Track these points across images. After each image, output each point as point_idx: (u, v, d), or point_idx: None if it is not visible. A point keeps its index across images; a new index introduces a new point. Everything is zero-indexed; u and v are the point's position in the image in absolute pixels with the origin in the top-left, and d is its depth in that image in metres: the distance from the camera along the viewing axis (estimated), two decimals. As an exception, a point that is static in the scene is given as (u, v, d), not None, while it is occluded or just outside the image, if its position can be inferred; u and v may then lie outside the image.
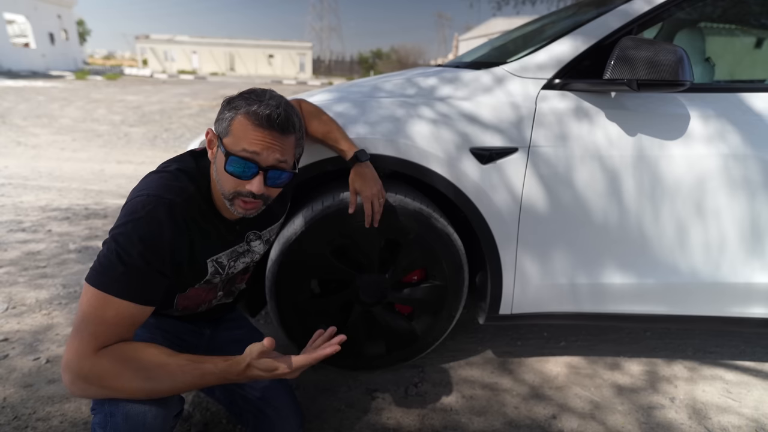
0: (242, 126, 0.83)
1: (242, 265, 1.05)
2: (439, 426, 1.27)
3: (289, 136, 0.86)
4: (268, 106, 0.83)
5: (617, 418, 1.33)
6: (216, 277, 1.00)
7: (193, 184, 0.89)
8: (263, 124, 0.82)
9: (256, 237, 1.05)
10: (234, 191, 0.86)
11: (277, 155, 0.85)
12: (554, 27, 1.57)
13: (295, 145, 0.90)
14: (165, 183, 0.85)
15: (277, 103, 0.85)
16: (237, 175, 0.84)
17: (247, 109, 0.82)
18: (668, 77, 1.09)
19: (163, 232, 0.80)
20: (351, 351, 1.41)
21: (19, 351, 1.48)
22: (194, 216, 0.88)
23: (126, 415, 0.76)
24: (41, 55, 22.53)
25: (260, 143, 0.83)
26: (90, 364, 0.73)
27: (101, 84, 14.85)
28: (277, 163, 0.85)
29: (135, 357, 0.76)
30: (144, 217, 0.79)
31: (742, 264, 1.33)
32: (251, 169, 0.83)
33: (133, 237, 0.78)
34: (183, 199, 0.85)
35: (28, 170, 3.93)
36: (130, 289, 0.77)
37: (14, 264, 2.10)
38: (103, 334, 0.75)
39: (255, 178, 0.84)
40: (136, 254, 0.77)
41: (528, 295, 1.36)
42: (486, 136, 1.23)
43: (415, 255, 1.31)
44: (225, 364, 0.80)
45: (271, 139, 0.83)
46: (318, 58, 47.21)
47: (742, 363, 1.64)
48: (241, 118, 0.83)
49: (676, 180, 1.25)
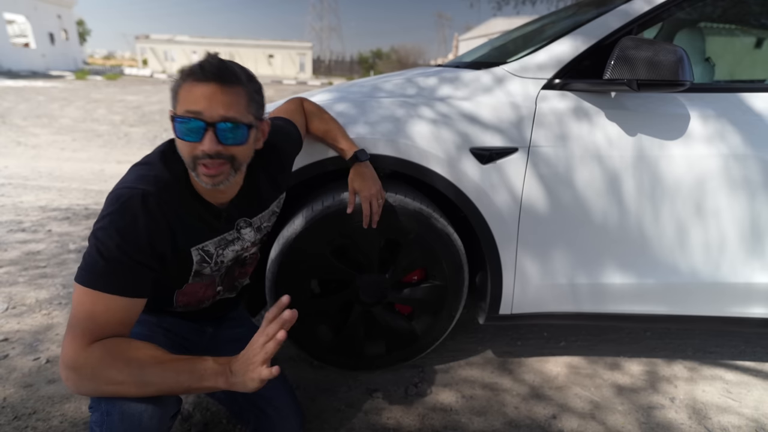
0: (184, 90, 0.80)
1: (232, 253, 1.01)
2: (439, 426, 1.27)
3: (232, 87, 0.81)
4: (200, 61, 0.81)
5: (617, 418, 1.33)
6: (205, 267, 0.97)
7: (169, 172, 0.86)
8: (199, 77, 0.79)
9: (246, 224, 1.02)
10: (191, 156, 0.82)
11: (221, 108, 0.79)
12: (554, 27, 1.57)
13: (245, 98, 0.83)
14: (140, 174, 0.85)
15: (211, 56, 0.82)
16: (185, 136, 0.80)
17: (184, 74, 0.81)
18: (668, 77, 1.09)
19: (138, 222, 0.80)
20: (351, 351, 1.41)
21: (19, 351, 1.48)
22: (172, 204, 0.85)
23: (122, 414, 0.76)
24: (41, 55, 22.54)
25: (201, 98, 0.79)
26: (84, 356, 0.74)
27: (101, 84, 14.85)
28: (224, 117, 0.80)
29: (127, 349, 0.77)
30: (118, 210, 0.79)
31: (742, 264, 1.33)
32: (198, 126, 0.79)
33: (110, 230, 0.78)
34: (158, 188, 0.83)
35: (28, 170, 3.93)
36: (114, 282, 0.77)
37: (14, 264, 2.10)
38: (95, 329, 0.76)
39: (205, 135, 0.80)
40: (115, 247, 0.77)
41: (528, 295, 1.36)
42: (486, 136, 1.23)
43: (415, 255, 1.31)
44: (217, 358, 0.80)
45: (212, 90, 0.79)
46: (318, 58, 47.23)
47: (742, 363, 1.64)
48: (182, 84, 0.81)
49: (676, 180, 1.25)
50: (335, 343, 1.40)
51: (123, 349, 0.77)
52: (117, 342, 0.77)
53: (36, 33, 22.42)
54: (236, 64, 0.84)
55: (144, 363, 0.76)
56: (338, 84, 1.62)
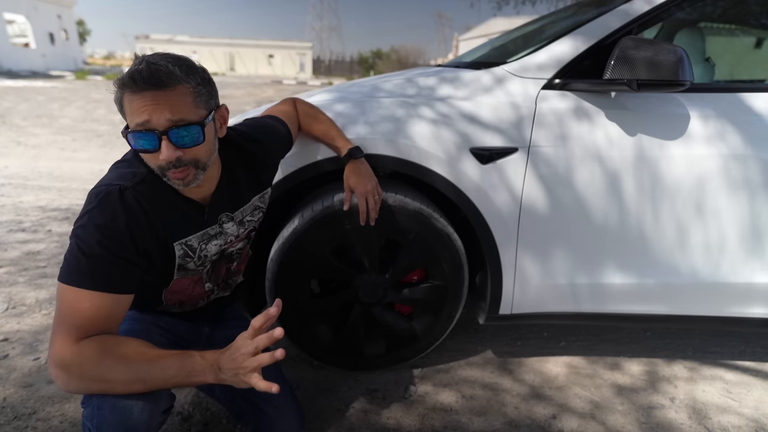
0: (126, 102, 0.77)
1: (215, 248, 1.00)
2: (439, 426, 1.27)
3: (171, 88, 0.76)
4: (129, 69, 0.76)
5: (617, 418, 1.33)
6: (188, 262, 0.96)
7: (147, 168, 0.85)
8: (132, 87, 0.75)
9: (228, 219, 1.01)
10: (157, 167, 0.81)
11: (167, 113, 0.75)
12: (554, 27, 1.57)
13: (191, 94, 0.79)
14: (118, 171, 0.85)
15: (140, 60, 0.76)
16: (144, 149, 0.79)
17: (119, 83, 0.76)
18: (668, 77, 1.09)
19: (117, 217, 0.79)
20: (351, 351, 1.41)
21: (19, 351, 1.48)
22: (151, 199, 0.85)
23: (112, 408, 0.76)
24: (41, 55, 22.53)
25: (143, 109, 0.75)
26: (71, 353, 0.74)
27: (101, 84, 14.85)
28: (172, 121, 0.76)
29: (114, 346, 0.77)
30: (97, 207, 0.79)
31: (742, 264, 1.33)
32: (151, 138, 0.77)
33: (90, 227, 0.78)
34: (134, 183, 0.83)
35: (28, 170, 3.93)
36: (96, 279, 0.77)
37: (14, 264, 2.10)
38: (81, 326, 0.76)
39: (161, 145, 0.77)
40: (95, 243, 0.77)
41: (528, 295, 1.36)
42: (486, 136, 1.23)
43: (415, 255, 1.31)
44: (204, 352, 0.80)
45: (151, 99, 0.75)
46: (318, 58, 47.22)
47: (742, 363, 1.64)
48: (121, 96, 0.77)
49: (676, 180, 1.25)
50: (335, 343, 1.40)
51: (110, 346, 0.77)
52: (104, 339, 0.77)
53: (36, 33, 22.41)
54: (170, 58, 0.79)
55: (132, 360, 0.76)
56: (338, 84, 1.62)
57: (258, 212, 1.11)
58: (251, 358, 0.75)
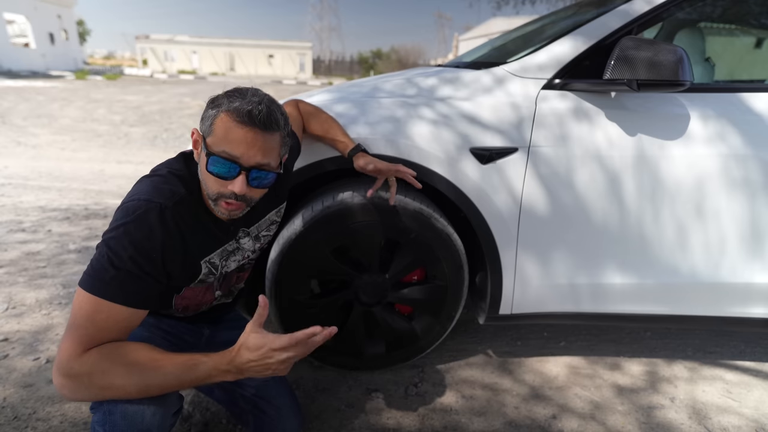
0: (224, 124, 0.79)
1: (234, 264, 1.03)
2: (439, 426, 1.27)
3: (272, 134, 0.82)
4: (249, 102, 0.79)
5: (617, 418, 1.33)
6: (210, 277, 0.99)
7: (184, 187, 0.87)
8: (245, 121, 0.78)
9: (244, 234, 1.03)
10: (217, 192, 0.84)
11: (260, 155, 0.81)
12: (554, 27, 1.57)
13: (280, 144, 0.85)
14: (156, 187, 0.85)
15: (260, 99, 0.81)
16: (218, 175, 0.81)
17: (229, 106, 0.79)
18: (668, 77, 1.09)
19: (154, 236, 0.80)
20: (351, 351, 1.41)
21: (19, 351, 1.48)
22: (186, 219, 0.86)
23: (124, 413, 0.76)
24: (41, 55, 22.54)
25: (242, 142, 0.79)
26: (79, 363, 0.73)
27: (101, 84, 14.85)
28: (259, 164, 0.82)
29: (124, 353, 0.76)
30: (134, 221, 0.79)
31: (742, 264, 1.33)
32: (233, 169, 0.81)
33: (124, 241, 0.77)
34: (174, 202, 0.84)
35: (28, 170, 3.93)
36: (121, 292, 0.77)
37: (14, 264, 2.10)
38: (94, 336, 0.75)
39: (237, 178, 0.82)
40: (127, 258, 0.77)
41: (528, 295, 1.36)
42: (486, 137, 1.23)
43: (415, 255, 1.31)
44: (217, 356, 0.80)
45: (253, 137, 0.79)
46: (318, 58, 47.22)
47: (742, 363, 1.64)
48: (223, 116, 0.80)
49: (676, 180, 1.25)
50: (335, 343, 1.39)
51: (122, 353, 0.76)
52: (114, 347, 0.77)
53: (36, 33, 22.41)
54: (278, 106, 0.84)
55: (145, 366, 0.76)
56: (338, 84, 1.62)
57: (274, 226, 1.12)
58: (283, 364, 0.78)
